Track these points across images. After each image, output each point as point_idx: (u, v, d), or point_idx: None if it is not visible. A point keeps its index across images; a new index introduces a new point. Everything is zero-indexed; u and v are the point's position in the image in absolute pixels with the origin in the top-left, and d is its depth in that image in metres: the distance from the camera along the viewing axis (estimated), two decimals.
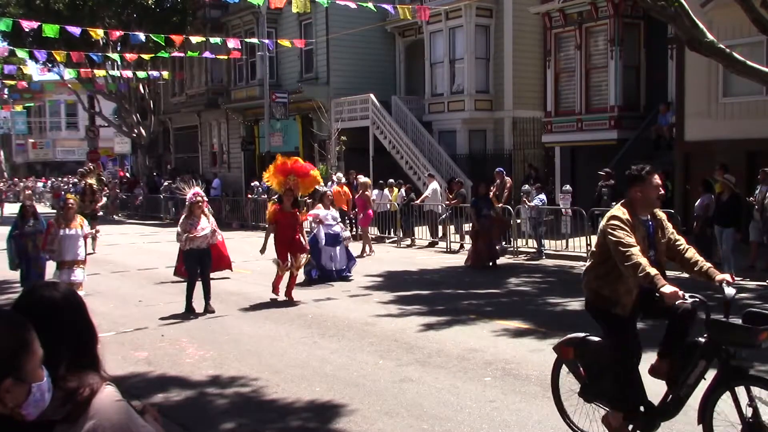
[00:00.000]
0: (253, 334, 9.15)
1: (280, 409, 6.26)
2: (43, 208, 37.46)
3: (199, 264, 10.40)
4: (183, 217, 10.51)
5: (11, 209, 31.65)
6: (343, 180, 20.98)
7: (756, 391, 4.51)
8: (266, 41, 21.42)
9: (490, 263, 14.80)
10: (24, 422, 1.96)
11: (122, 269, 15.10)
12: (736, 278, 12.04)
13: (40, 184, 50.46)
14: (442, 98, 26.13)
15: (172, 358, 8.03)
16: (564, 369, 5.49)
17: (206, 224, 10.33)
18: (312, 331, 9.08)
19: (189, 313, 10.23)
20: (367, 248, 17.24)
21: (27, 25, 16.33)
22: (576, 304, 10.70)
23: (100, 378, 2.20)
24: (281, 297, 11.23)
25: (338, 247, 13.31)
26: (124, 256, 17.27)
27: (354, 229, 19.13)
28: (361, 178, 19.30)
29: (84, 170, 21.70)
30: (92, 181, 19.17)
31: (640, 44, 21.40)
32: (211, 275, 12.57)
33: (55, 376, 2.12)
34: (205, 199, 10.89)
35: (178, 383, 7.10)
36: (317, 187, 13.44)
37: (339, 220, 14.16)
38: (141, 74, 26.07)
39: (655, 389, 6.45)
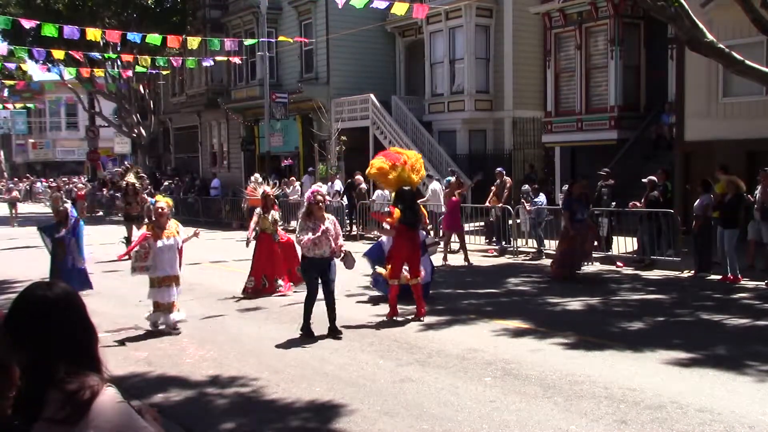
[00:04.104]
0: (253, 334, 9.14)
1: (280, 409, 6.26)
2: (43, 209, 37.48)
3: (321, 276, 8.76)
4: (300, 220, 8.99)
5: (24, 209, 31.59)
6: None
7: None
8: (265, 41, 21.41)
9: (573, 274, 13.03)
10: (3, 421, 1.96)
11: (121, 269, 15.05)
12: (740, 278, 12.15)
13: (39, 184, 50.44)
14: (442, 98, 26.12)
15: (172, 358, 8.03)
16: None
17: (330, 226, 8.78)
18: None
19: (308, 337, 8.66)
20: (445, 256, 15.56)
21: (27, 24, 16.32)
22: (576, 304, 10.72)
23: (101, 379, 2.19)
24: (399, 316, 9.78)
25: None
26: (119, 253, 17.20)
27: None
28: (452, 179, 17.54)
29: (122, 169, 20.52)
30: (133, 179, 17.89)
31: (640, 44, 21.40)
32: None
33: (54, 377, 2.11)
34: (327, 198, 9.46)
35: (178, 383, 7.10)
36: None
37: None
38: (140, 69, 26.04)
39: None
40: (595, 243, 14.41)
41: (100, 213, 33.67)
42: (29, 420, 2.05)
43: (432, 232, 18.68)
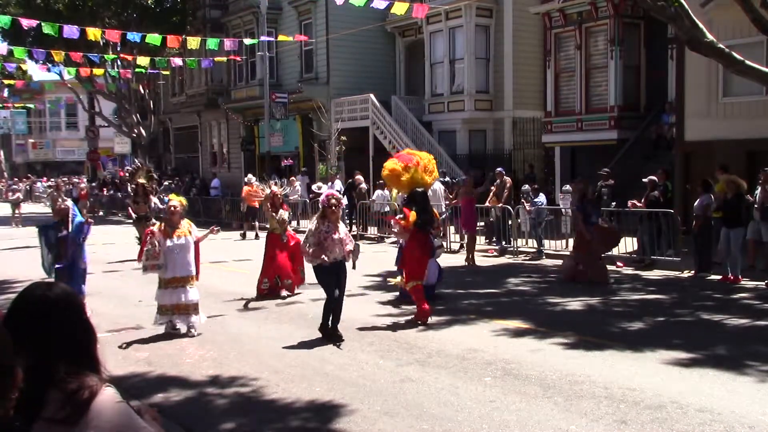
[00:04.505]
0: (253, 334, 9.14)
1: (280, 409, 6.26)
2: (43, 209, 37.47)
3: (336, 279, 8.61)
4: (314, 224, 8.61)
5: (25, 209, 31.61)
6: (253, 180, 22.06)
7: None
8: (266, 38, 21.42)
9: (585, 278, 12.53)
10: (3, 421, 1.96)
11: (121, 269, 15.07)
12: (740, 278, 12.15)
13: (39, 184, 50.43)
14: (442, 98, 26.12)
15: (172, 358, 8.02)
16: None
17: (343, 232, 8.60)
18: (312, 331, 9.05)
19: (327, 340, 8.47)
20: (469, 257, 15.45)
21: (26, 23, 16.31)
22: (576, 304, 10.72)
23: (100, 379, 2.19)
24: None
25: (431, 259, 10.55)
26: (123, 255, 17.20)
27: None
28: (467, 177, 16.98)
29: (132, 169, 20.13)
30: (143, 179, 17.46)
31: (640, 44, 21.41)
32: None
33: (54, 377, 2.12)
34: (342, 201, 9.11)
35: (178, 383, 7.10)
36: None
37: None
38: (140, 70, 26.07)
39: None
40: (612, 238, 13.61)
41: (101, 213, 33.69)
42: (29, 420, 2.06)
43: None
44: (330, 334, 8.59)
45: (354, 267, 8.91)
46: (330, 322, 8.66)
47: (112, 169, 48.19)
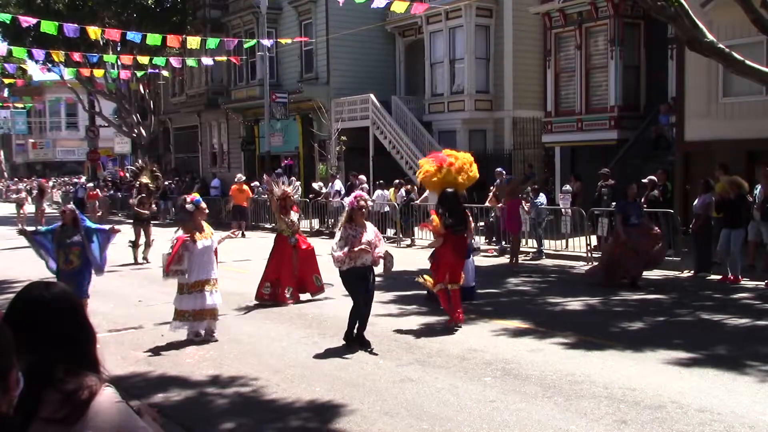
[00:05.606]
0: (253, 334, 9.14)
1: (280, 409, 6.26)
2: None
3: (364, 284, 8.17)
4: (340, 227, 8.23)
5: (30, 209, 31.63)
6: (243, 179, 23.22)
7: None
8: (266, 41, 21.43)
9: (626, 280, 12.19)
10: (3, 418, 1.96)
11: (121, 269, 15.08)
12: (740, 278, 12.14)
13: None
14: (442, 98, 26.12)
15: (172, 358, 8.03)
16: None
17: (371, 234, 8.12)
18: (312, 331, 9.07)
19: (349, 349, 8.11)
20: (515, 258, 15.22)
21: (25, 21, 16.31)
22: (576, 304, 10.72)
23: (99, 379, 2.19)
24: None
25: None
26: (123, 255, 17.20)
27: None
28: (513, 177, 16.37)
29: (136, 168, 19.59)
30: (147, 179, 17.18)
31: (640, 44, 21.41)
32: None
33: (53, 377, 2.11)
34: (369, 202, 8.48)
35: (178, 383, 7.10)
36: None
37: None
38: (140, 72, 26.09)
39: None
40: (659, 245, 12.63)
41: (100, 213, 33.66)
42: (27, 420, 2.06)
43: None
44: (358, 342, 8.23)
45: (385, 272, 8.46)
46: (356, 329, 8.31)
47: (112, 169, 48.16)
